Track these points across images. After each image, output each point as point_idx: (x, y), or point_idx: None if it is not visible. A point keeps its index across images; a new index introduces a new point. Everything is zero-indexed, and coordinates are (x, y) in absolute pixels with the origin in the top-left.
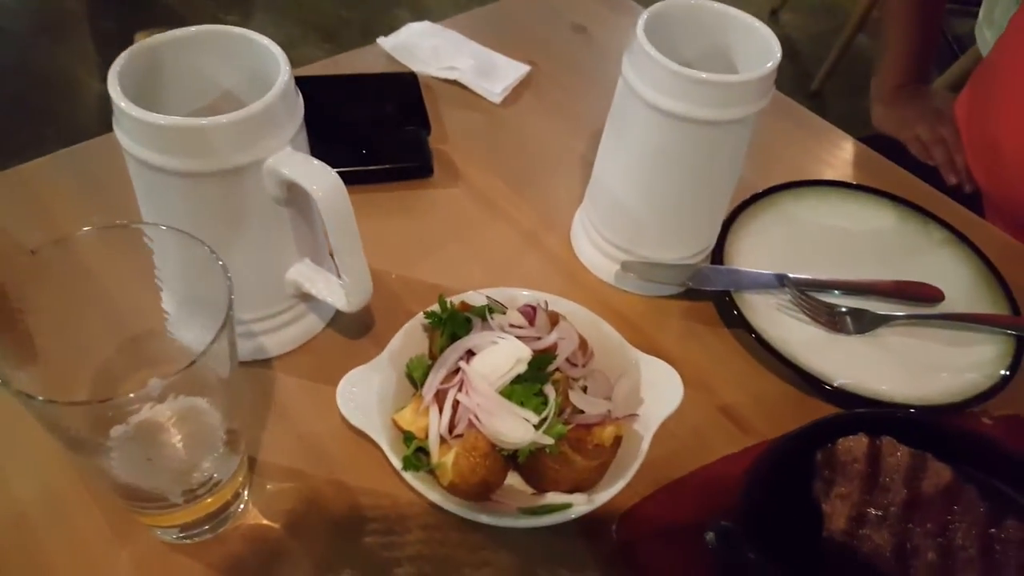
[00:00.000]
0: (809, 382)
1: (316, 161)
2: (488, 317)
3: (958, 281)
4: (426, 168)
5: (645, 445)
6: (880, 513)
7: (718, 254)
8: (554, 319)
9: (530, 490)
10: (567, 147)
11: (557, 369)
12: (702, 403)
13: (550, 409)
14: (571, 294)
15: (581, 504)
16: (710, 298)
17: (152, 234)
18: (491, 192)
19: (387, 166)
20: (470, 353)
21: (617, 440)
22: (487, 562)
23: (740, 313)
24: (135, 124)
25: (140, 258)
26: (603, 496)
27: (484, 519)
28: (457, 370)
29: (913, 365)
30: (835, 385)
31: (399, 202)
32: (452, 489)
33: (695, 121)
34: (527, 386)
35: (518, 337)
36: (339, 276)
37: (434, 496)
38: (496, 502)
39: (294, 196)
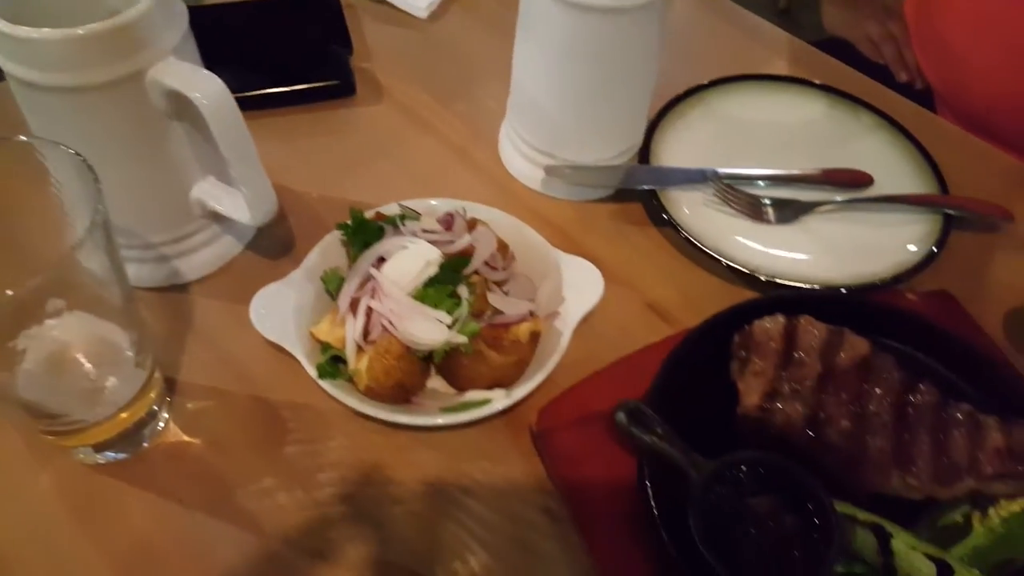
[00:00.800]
0: (736, 273)
1: (200, 69)
2: (400, 224)
3: (888, 165)
4: (347, 87)
5: (565, 340)
6: (795, 387)
7: (645, 154)
8: (472, 225)
9: (452, 391)
10: (495, 59)
11: (475, 272)
12: (629, 300)
13: (463, 309)
14: (500, 204)
15: (500, 399)
16: (639, 199)
17: (41, 149)
18: (418, 108)
19: (306, 86)
20: (381, 260)
21: (534, 336)
22: (411, 462)
23: (665, 210)
24: (9, 41)
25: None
26: (522, 390)
27: (403, 419)
28: (370, 278)
29: (842, 249)
30: (762, 274)
31: (321, 123)
32: (369, 393)
33: (597, 9)
34: (440, 288)
35: (431, 242)
36: (239, 189)
37: (352, 401)
38: (417, 404)
39: (183, 108)
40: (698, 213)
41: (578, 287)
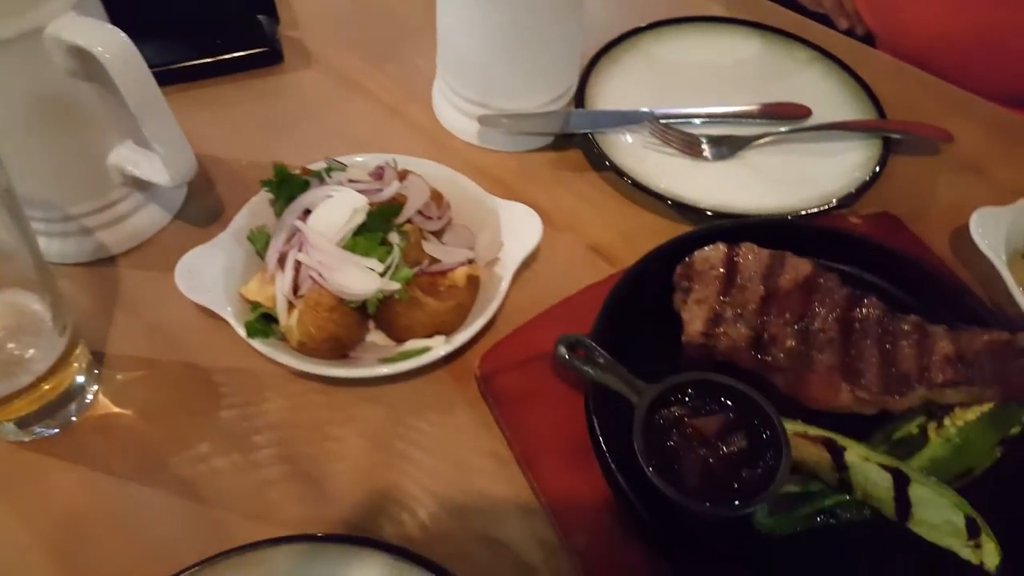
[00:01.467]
0: (681, 211)
1: (103, 23)
2: (326, 176)
3: (825, 97)
4: (274, 55)
5: (505, 285)
6: (738, 311)
7: (580, 99)
8: (403, 175)
9: (391, 344)
10: (423, 17)
11: (408, 221)
12: (572, 245)
13: (394, 256)
14: (437, 160)
15: (440, 347)
16: (578, 146)
17: None
18: (348, 71)
19: (232, 56)
20: (307, 213)
21: (472, 281)
22: (353, 418)
23: (605, 154)
24: None
25: None
26: (462, 336)
27: (339, 373)
28: (296, 231)
29: (783, 180)
30: (706, 209)
31: (249, 91)
32: (303, 349)
33: None
34: (370, 236)
35: (359, 192)
36: (154, 150)
37: (285, 358)
38: (356, 359)
39: (90, 67)
40: (638, 155)
41: (517, 232)
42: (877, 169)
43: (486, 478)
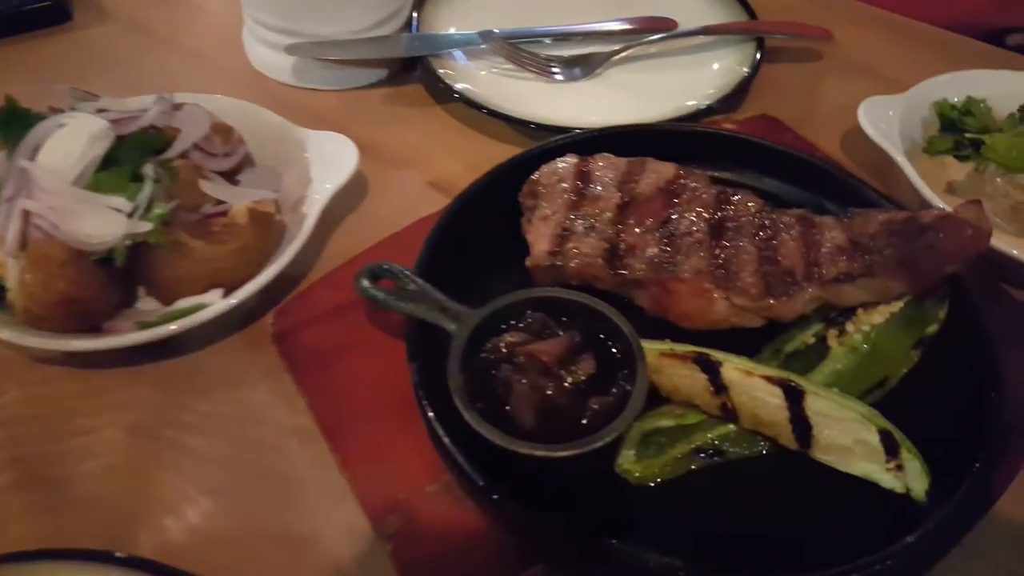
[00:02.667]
0: (534, 134)
1: None
2: (67, 109)
3: (690, 6)
4: (60, 11)
5: (309, 223)
6: (590, 223)
7: (413, 25)
8: (177, 107)
9: (162, 307)
10: None
11: (182, 157)
12: (408, 182)
13: (146, 191)
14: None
15: (216, 302)
16: (419, 80)
17: None
18: (149, 23)
19: (9, 13)
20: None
21: (258, 218)
22: (113, 406)
23: (445, 81)
24: None
25: None
26: (248, 289)
27: (79, 346)
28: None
29: (649, 95)
30: (561, 127)
31: (34, 52)
32: (30, 318)
33: None
34: (119, 172)
35: (110, 121)
36: None
37: (6, 333)
38: (112, 331)
39: None
40: (484, 80)
41: (328, 164)
42: (746, 71)
43: (285, 461)
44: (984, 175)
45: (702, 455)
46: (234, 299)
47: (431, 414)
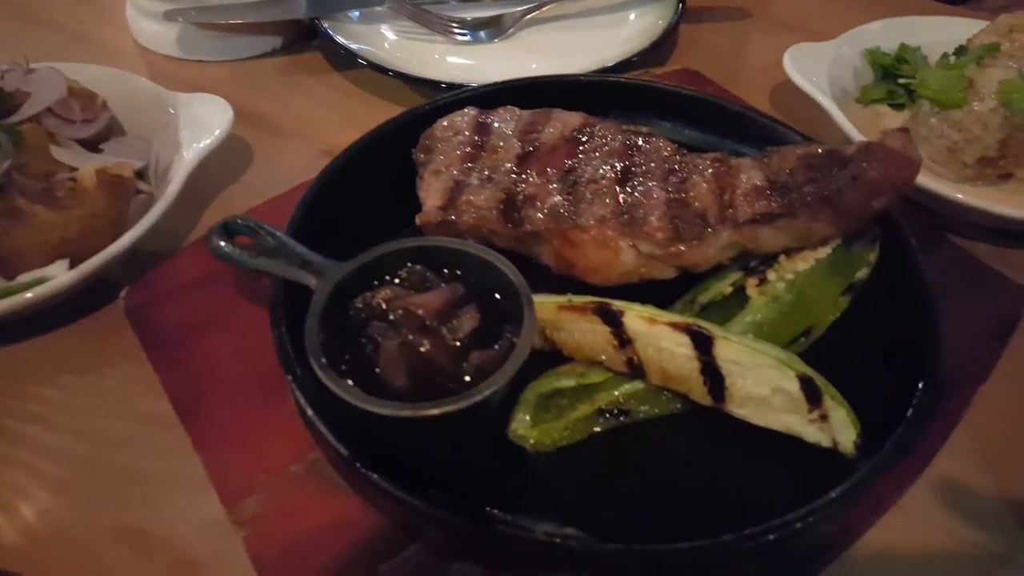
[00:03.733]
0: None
1: None
2: None
3: None
4: None
5: (175, 188)
6: (486, 175)
7: None
8: (29, 71)
9: (5, 282)
10: None
11: (31, 121)
12: (302, 152)
13: None
14: None
15: (60, 274)
16: (319, 48)
17: None
18: (29, 6)
19: None
20: None
21: (109, 181)
22: None
23: (338, 42)
24: None
25: None
26: (98, 258)
27: None
28: None
29: (566, 53)
30: (467, 85)
31: None
32: None
33: None
34: None
35: None
36: None
37: None
38: None
39: None
40: (393, 45)
41: (199, 126)
42: (666, 24)
43: (137, 450)
44: (919, 118)
45: (607, 416)
46: (81, 271)
47: (293, 381)
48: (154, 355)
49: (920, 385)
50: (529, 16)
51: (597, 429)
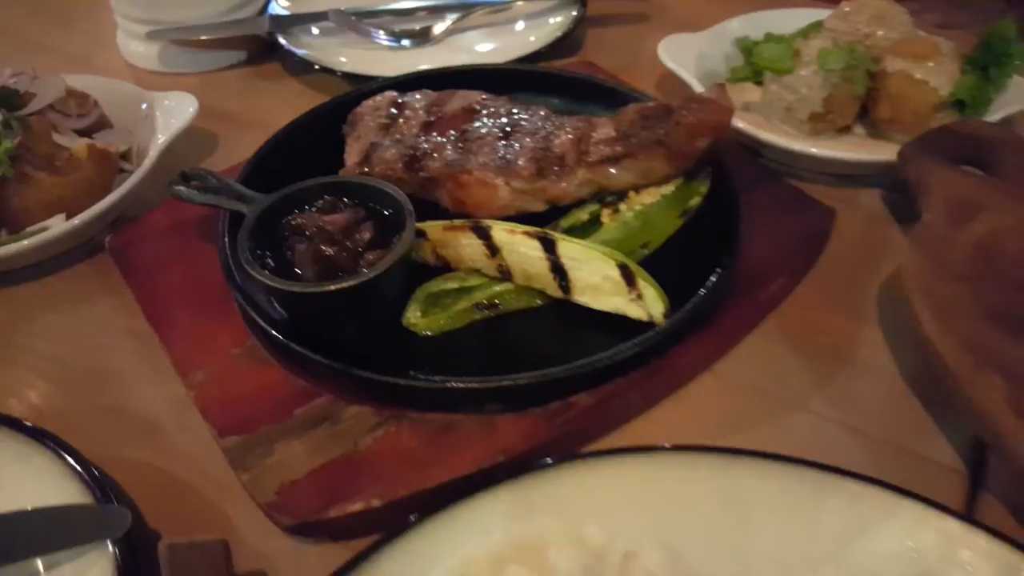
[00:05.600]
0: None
1: None
2: None
3: None
4: None
5: (151, 158)
6: (396, 138)
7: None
8: (36, 78)
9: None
10: None
11: (37, 114)
12: (260, 139)
13: None
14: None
15: (57, 224)
16: (278, 59)
17: None
18: (29, 35)
19: None
20: None
21: (97, 153)
22: None
23: (294, 52)
24: None
25: None
26: (89, 212)
27: None
28: None
29: (486, 53)
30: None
31: None
32: None
33: None
34: None
35: None
36: None
37: None
38: None
39: None
40: (340, 53)
41: (170, 114)
42: (569, 23)
43: (120, 354)
44: (766, 88)
45: (482, 309)
46: (74, 222)
47: (230, 281)
48: (132, 282)
49: (717, 270)
50: (456, 25)
51: (475, 318)
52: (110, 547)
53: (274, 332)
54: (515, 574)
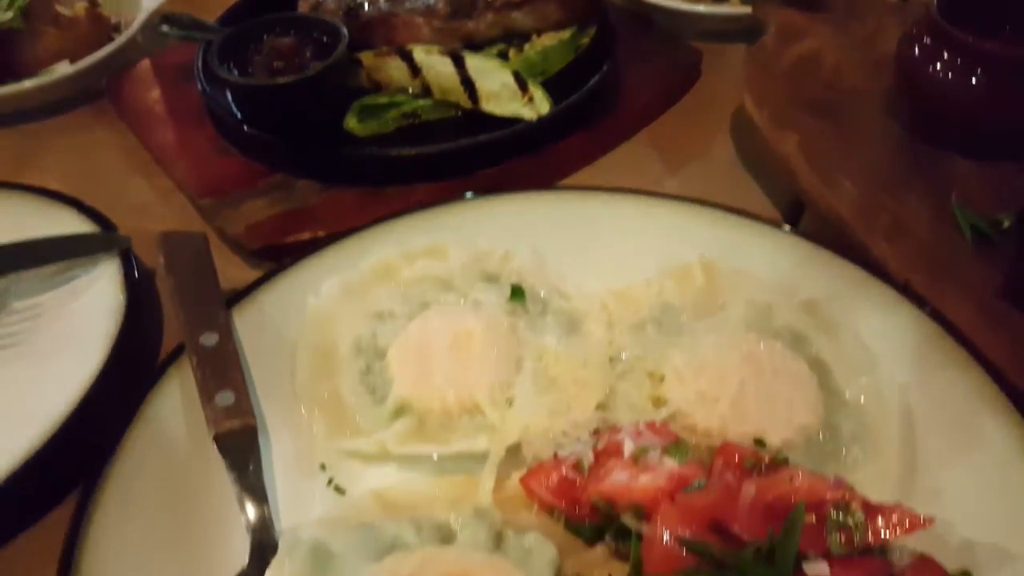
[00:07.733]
0: None
1: None
2: None
3: None
4: None
5: (141, 17)
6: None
7: None
8: None
9: None
10: None
11: None
12: None
13: None
14: None
15: (62, 68)
16: None
17: None
18: None
19: None
20: None
21: (92, 12)
22: None
23: None
24: None
25: None
26: (87, 60)
27: None
28: None
29: None
30: None
31: None
32: None
33: None
34: None
35: None
36: None
37: None
38: None
39: None
40: None
41: None
42: None
43: (115, 165)
44: None
45: (407, 118)
46: (76, 66)
47: (200, 84)
48: (124, 112)
49: (592, 79)
50: None
51: (401, 124)
52: (118, 260)
53: (243, 124)
54: (422, 264)
